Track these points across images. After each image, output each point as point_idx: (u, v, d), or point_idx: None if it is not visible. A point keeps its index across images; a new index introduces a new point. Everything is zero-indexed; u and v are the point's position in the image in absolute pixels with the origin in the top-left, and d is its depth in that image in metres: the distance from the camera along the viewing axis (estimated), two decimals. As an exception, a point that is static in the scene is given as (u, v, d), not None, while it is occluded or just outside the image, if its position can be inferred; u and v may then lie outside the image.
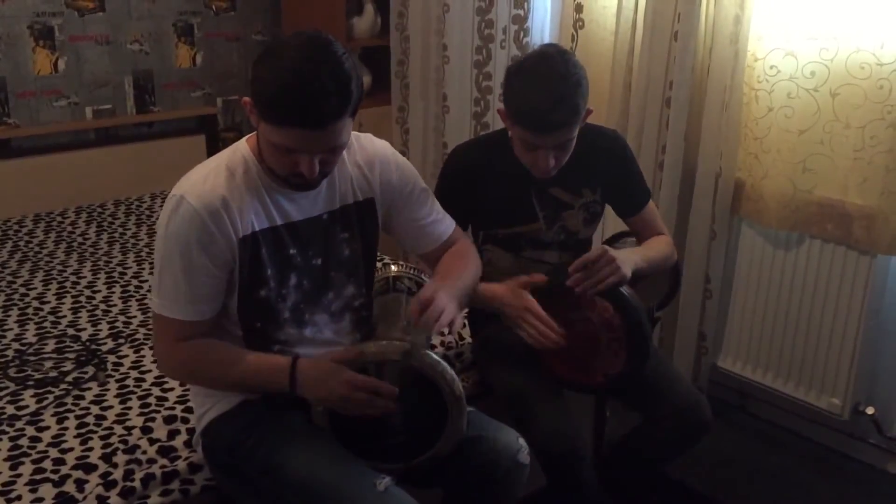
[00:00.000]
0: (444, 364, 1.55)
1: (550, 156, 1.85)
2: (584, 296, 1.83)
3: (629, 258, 1.86)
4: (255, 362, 1.58)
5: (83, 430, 1.86)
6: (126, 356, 2.19)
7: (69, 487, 1.66)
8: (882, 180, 2.31)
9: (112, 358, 2.19)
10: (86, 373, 2.11)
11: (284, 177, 1.52)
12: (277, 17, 3.88)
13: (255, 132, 1.61)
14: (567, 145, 1.86)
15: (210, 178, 1.53)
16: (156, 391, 2.02)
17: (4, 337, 2.30)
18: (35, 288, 2.63)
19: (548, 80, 1.78)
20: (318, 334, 1.66)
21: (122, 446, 1.79)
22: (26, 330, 2.35)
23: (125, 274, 2.76)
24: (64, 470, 1.72)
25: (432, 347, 1.69)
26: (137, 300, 2.55)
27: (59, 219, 3.26)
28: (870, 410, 2.53)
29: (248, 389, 1.62)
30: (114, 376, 2.10)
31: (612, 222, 2.47)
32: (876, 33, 2.27)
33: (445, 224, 1.82)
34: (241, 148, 1.58)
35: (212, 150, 3.70)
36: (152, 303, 1.58)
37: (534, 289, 1.87)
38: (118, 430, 1.86)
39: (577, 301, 1.86)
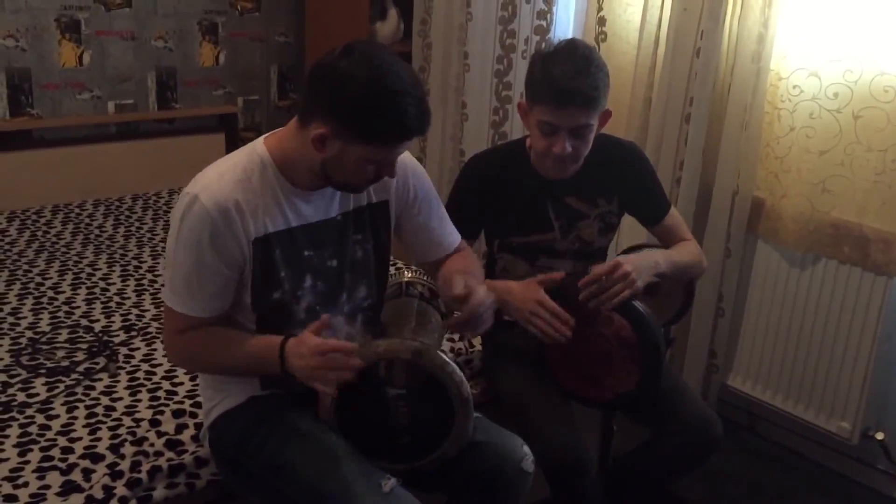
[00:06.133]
0: (454, 365, 1.55)
1: (567, 141, 1.84)
2: (600, 311, 1.83)
3: (647, 265, 1.85)
4: (252, 344, 1.57)
5: (92, 421, 1.87)
6: (137, 349, 2.20)
7: (76, 476, 1.67)
8: (901, 205, 2.31)
9: (124, 350, 2.20)
10: (97, 363, 2.12)
11: (355, 185, 1.58)
12: (301, 19, 3.90)
13: (272, 133, 1.61)
14: (584, 134, 1.85)
15: (225, 177, 1.53)
16: (166, 385, 2.03)
17: (18, 325, 2.32)
18: (51, 278, 2.65)
19: (571, 56, 1.82)
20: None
21: (130, 438, 1.80)
22: (40, 319, 2.36)
23: (140, 268, 2.77)
24: (71, 459, 1.73)
25: (442, 351, 1.69)
26: (151, 294, 2.56)
27: (77, 210, 3.28)
28: (879, 436, 2.51)
29: (246, 373, 1.63)
30: (125, 368, 2.11)
31: (627, 233, 2.47)
32: (900, 57, 2.26)
33: (454, 236, 1.84)
34: (258, 149, 1.58)
35: (231, 148, 3.69)
36: (164, 294, 1.60)
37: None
38: (127, 421, 1.87)
39: (591, 316, 1.85)
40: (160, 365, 2.12)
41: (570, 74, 1.79)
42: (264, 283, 1.57)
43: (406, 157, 1.71)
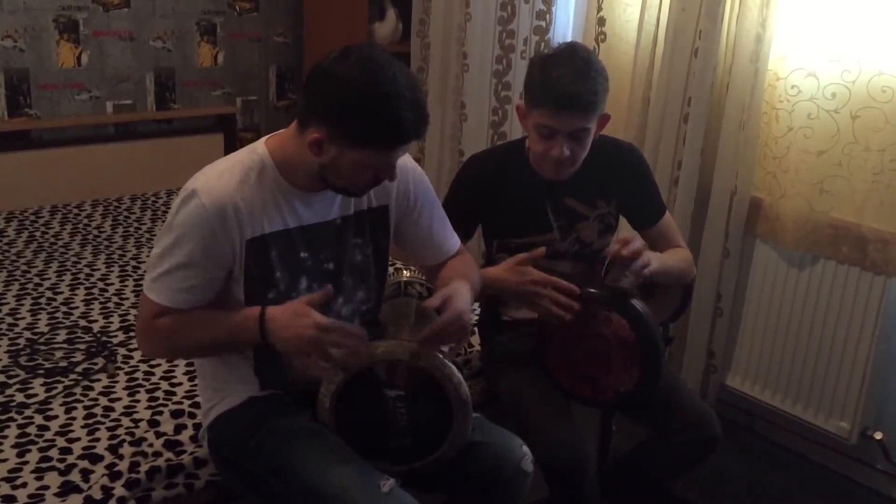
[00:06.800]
0: (452, 366, 1.55)
1: (565, 145, 1.84)
2: (599, 312, 1.83)
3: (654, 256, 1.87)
4: (227, 318, 1.55)
5: (91, 421, 1.87)
6: (136, 349, 2.20)
7: (75, 477, 1.67)
8: (899, 204, 2.31)
9: (122, 350, 2.20)
10: (96, 364, 2.12)
11: (354, 189, 1.57)
12: (300, 19, 3.90)
13: (273, 134, 1.61)
14: (582, 137, 1.85)
15: (225, 177, 1.53)
16: (164, 385, 2.03)
17: (17, 325, 2.32)
18: (49, 278, 2.65)
19: (571, 60, 1.82)
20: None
21: (128, 438, 1.80)
22: (38, 319, 2.36)
23: (138, 268, 2.77)
24: (70, 459, 1.73)
25: (440, 352, 1.69)
26: (149, 294, 2.56)
27: (75, 211, 3.28)
28: (878, 436, 2.51)
29: (223, 348, 1.60)
30: (123, 369, 2.11)
31: (626, 234, 2.46)
32: (898, 57, 2.27)
33: (452, 240, 1.83)
34: (259, 150, 1.58)
35: (230, 149, 3.72)
36: (145, 282, 1.57)
37: None
38: (125, 422, 1.87)
39: (591, 316, 1.85)
40: (159, 365, 2.12)
41: (569, 79, 1.78)
42: (259, 282, 1.57)
43: (407, 161, 1.71)
